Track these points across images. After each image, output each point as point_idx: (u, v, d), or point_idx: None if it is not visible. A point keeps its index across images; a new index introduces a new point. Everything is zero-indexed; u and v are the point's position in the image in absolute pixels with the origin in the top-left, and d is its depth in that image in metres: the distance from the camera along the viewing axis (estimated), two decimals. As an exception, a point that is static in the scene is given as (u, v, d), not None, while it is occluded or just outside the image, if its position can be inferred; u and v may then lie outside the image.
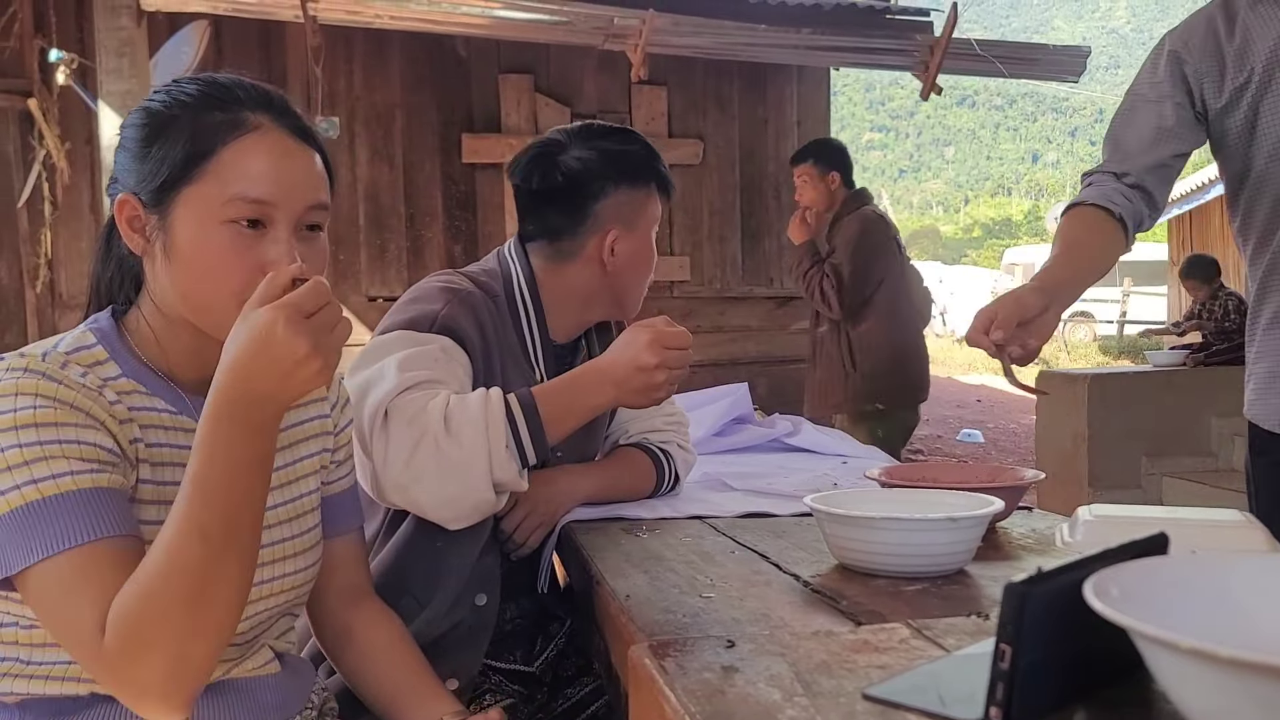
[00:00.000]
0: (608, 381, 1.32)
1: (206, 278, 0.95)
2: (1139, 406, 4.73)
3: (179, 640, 0.84)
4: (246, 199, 0.94)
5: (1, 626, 0.94)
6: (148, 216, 0.97)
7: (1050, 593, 0.61)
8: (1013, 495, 1.30)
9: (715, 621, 0.93)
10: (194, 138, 0.95)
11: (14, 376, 0.89)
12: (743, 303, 6.43)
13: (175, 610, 0.84)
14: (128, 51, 4.09)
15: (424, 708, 1.09)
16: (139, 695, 0.86)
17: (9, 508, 0.85)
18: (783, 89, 6.52)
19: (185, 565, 0.84)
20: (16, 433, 0.86)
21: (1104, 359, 14.48)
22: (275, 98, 1.00)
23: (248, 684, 1.03)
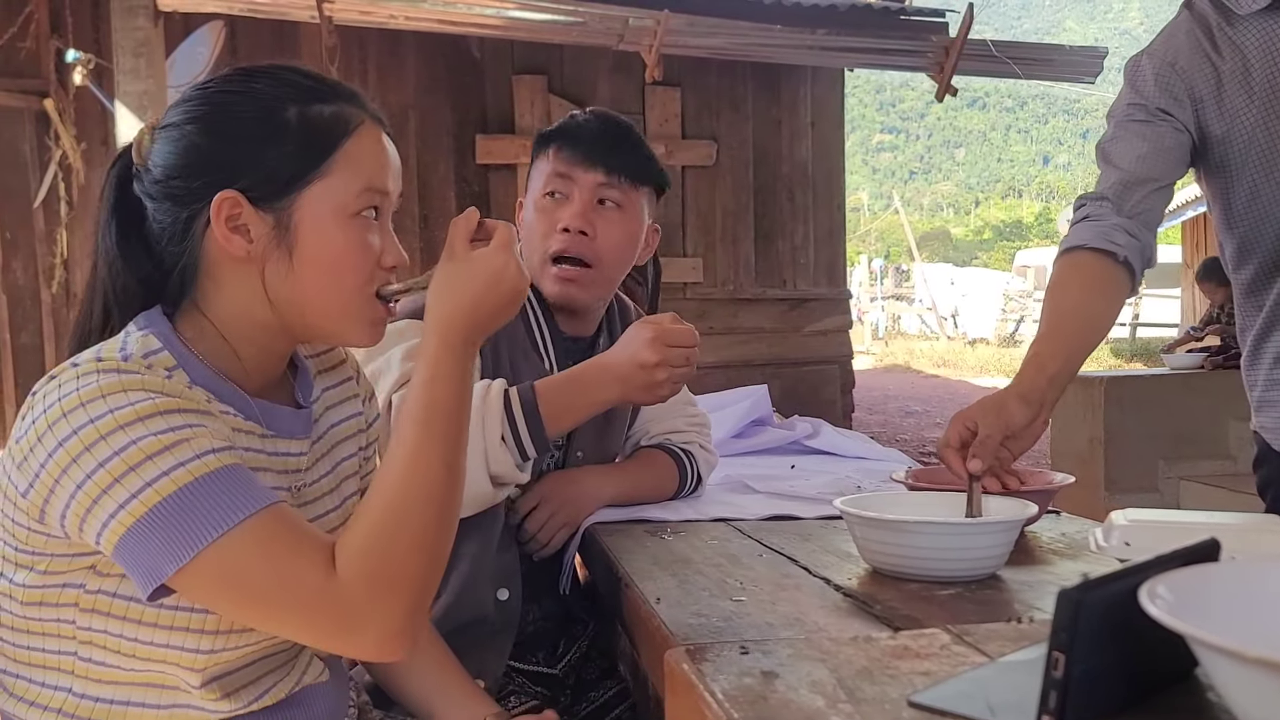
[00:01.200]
0: (611, 378, 1.31)
1: (340, 271, 0.94)
2: (1156, 409, 4.70)
3: (428, 573, 0.86)
4: (375, 189, 0.95)
5: (60, 654, 0.89)
6: (259, 216, 0.91)
7: (1104, 599, 0.60)
8: (1042, 499, 1.29)
9: (749, 625, 0.92)
10: (311, 133, 0.92)
11: (111, 376, 0.83)
12: (756, 304, 6.42)
13: (426, 542, 0.85)
14: (144, 52, 4.11)
15: (463, 709, 1.09)
16: (379, 636, 0.83)
17: (161, 496, 0.80)
18: (797, 90, 6.51)
19: (431, 493, 0.86)
20: (144, 423, 0.81)
21: (1116, 362, 14.42)
22: (362, 95, 0.99)
23: (305, 695, 1.00)
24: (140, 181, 0.94)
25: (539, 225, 1.46)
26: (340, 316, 0.95)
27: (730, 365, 5.98)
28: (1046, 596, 1.00)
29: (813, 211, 6.59)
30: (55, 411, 0.82)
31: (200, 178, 0.91)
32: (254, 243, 0.92)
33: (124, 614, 0.87)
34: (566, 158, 1.45)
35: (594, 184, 1.45)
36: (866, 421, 8.30)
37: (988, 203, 72.57)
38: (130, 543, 0.80)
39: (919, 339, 19.83)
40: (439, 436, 0.88)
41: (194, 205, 0.91)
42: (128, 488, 0.80)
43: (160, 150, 0.93)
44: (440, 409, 0.89)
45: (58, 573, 0.87)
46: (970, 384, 12.43)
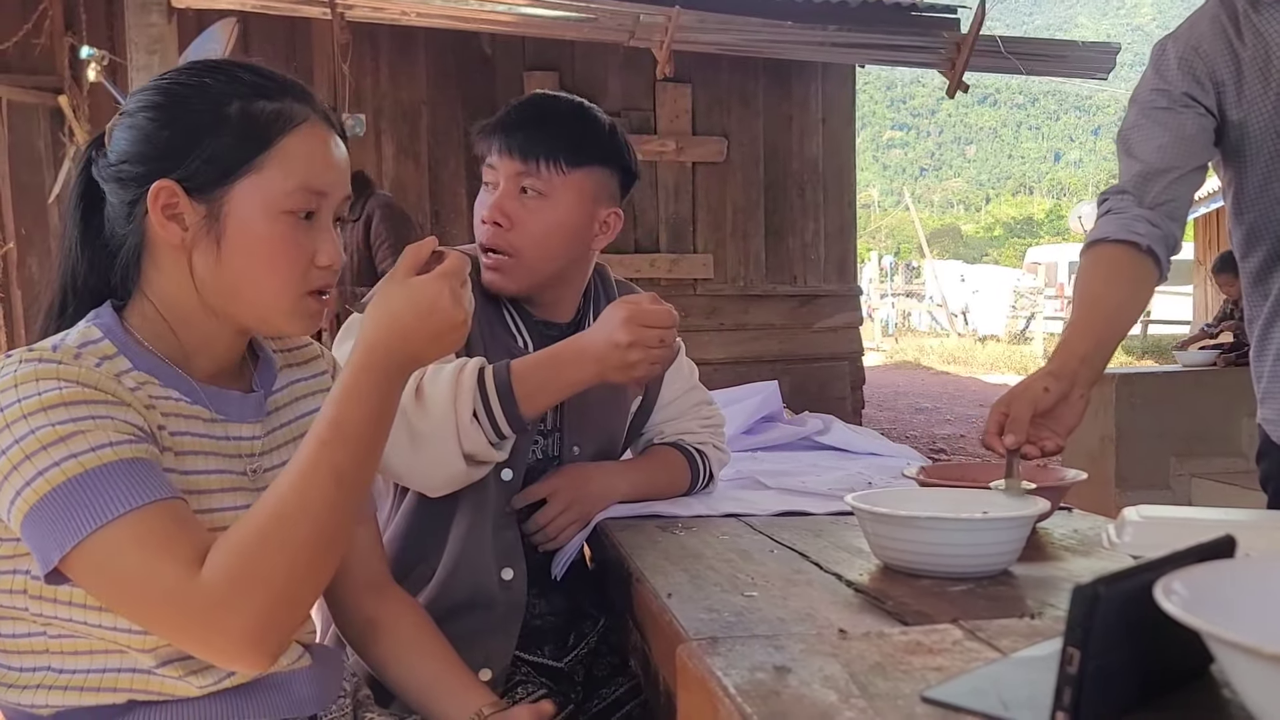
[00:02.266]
0: (587, 358, 1.29)
1: (265, 267, 0.95)
2: (1168, 406, 4.68)
3: (293, 582, 0.85)
4: (309, 189, 0.96)
5: (30, 636, 0.92)
6: (193, 205, 0.94)
7: (1119, 595, 0.60)
8: (1054, 495, 1.29)
9: (760, 620, 0.92)
10: (249, 127, 0.94)
11: (29, 365, 0.86)
12: (766, 300, 6.41)
13: (296, 550, 0.85)
14: (158, 48, 4.12)
15: (460, 700, 1.08)
16: (235, 638, 0.84)
17: (51, 485, 0.82)
18: (808, 86, 6.50)
19: (316, 506, 0.86)
20: (46, 413, 0.84)
21: (1128, 359, 14.36)
22: (310, 90, 1.00)
23: (282, 679, 1.01)
24: (97, 165, 0.97)
25: (477, 213, 1.47)
26: (266, 308, 0.97)
27: (740, 361, 5.98)
28: (1059, 593, 1.00)
29: (823, 208, 6.58)
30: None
31: (145, 164, 0.94)
32: (187, 231, 0.94)
33: (69, 599, 0.90)
34: (491, 147, 1.44)
35: (513, 173, 1.42)
36: (876, 418, 8.28)
37: (999, 199, 72.31)
38: (28, 526, 0.84)
39: (929, 336, 19.79)
40: (337, 452, 0.87)
41: (138, 190, 0.94)
42: (23, 475, 0.83)
43: (117, 136, 0.96)
44: (345, 427, 0.88)
45: (7, 557, 0.90)
46: (980, 381, 12.39)
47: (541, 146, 1.41)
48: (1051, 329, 17.30)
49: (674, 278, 6.06)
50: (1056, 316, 17.88)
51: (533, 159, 1.41)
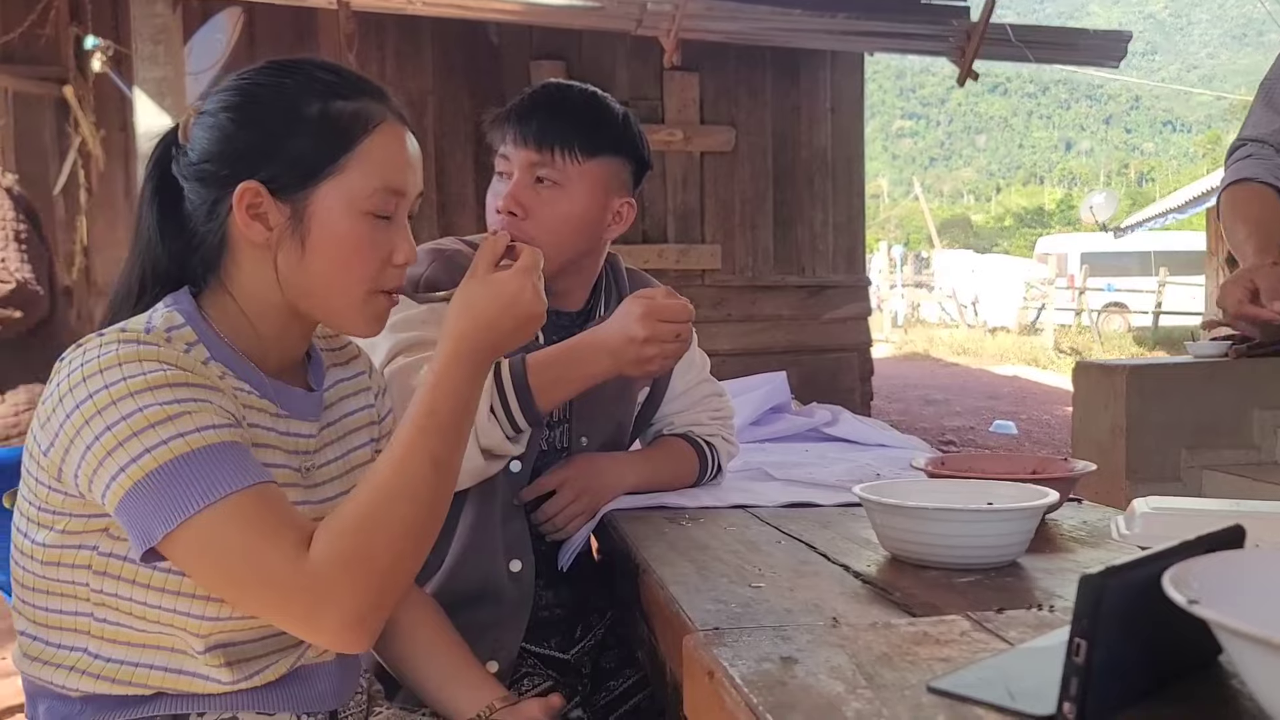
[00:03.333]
0: (603, 351, 1.30)
1: (346, 265, 0.97)
2: (1179, 398, 4.64)
3: (396, 563, 0.88)
4: (389, 189, 0.98)
5: (77, 615, 0.93)
6: (277, 206, 0.95)
7: (1127, 586, 0.59)
8: (1063, 487, 1.28)
9: (767, 612, 0.92)
10: (330, 129, 0.96)
11: (130, 346, 0.88)
12: (774, 291, 6.39)
13: (399, 532, 0.88)
14: (163, 38, 4.12)
15: (471, 694, 1.10)
16: (341, 618, 0.85)
17: (158, 463, 0.84)
18: (816, 75, 6.46)
19: (417, 490, 0.89)
20: (153, 392, 0.86)
21: (1139, 350, 14.30)
22: (384, 88, 1.01)
23: (309, 672, 1.03)
24: (177, 162, 0.98)
25: (489, 202, 1.46)
26: (342, 306, 0.99)
27: (748, 352, 5.97)
28: (1068, 584, 0.99)
29: (832, 198, 6.55)
30: (77, 376, 0.87)
31: (228, 165, 0.95)
32: (271, 230, 0.96)
33: (133, 578, 0.91)
34: (505, 136, 1.43)
35: (528, 162, 1.41)
36: (886, 409, 8.27)
37: (1009, 189, 72.04)
38: (128, 504, 0.84)
39: (939, 327, 19.72)
40: (433, 439, 0.91)
41: (221, 190, 0.96)
42: (129, 452, 0.84)
43: (197, 134, 0.97)
44: (439, 415, 0.92)
45: (74, 533, 0.91)
46: (990, 372, 12.36)
47: (556, 135, 1.40)
48: (1062, 320, 17.25)
49: (682, 269, 6.04)
50: (1067, 307, 17.82)
51: (547, 148, 1.40)
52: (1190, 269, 16.57)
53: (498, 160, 1.44)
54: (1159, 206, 15.62)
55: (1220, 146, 47.62)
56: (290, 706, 1.01)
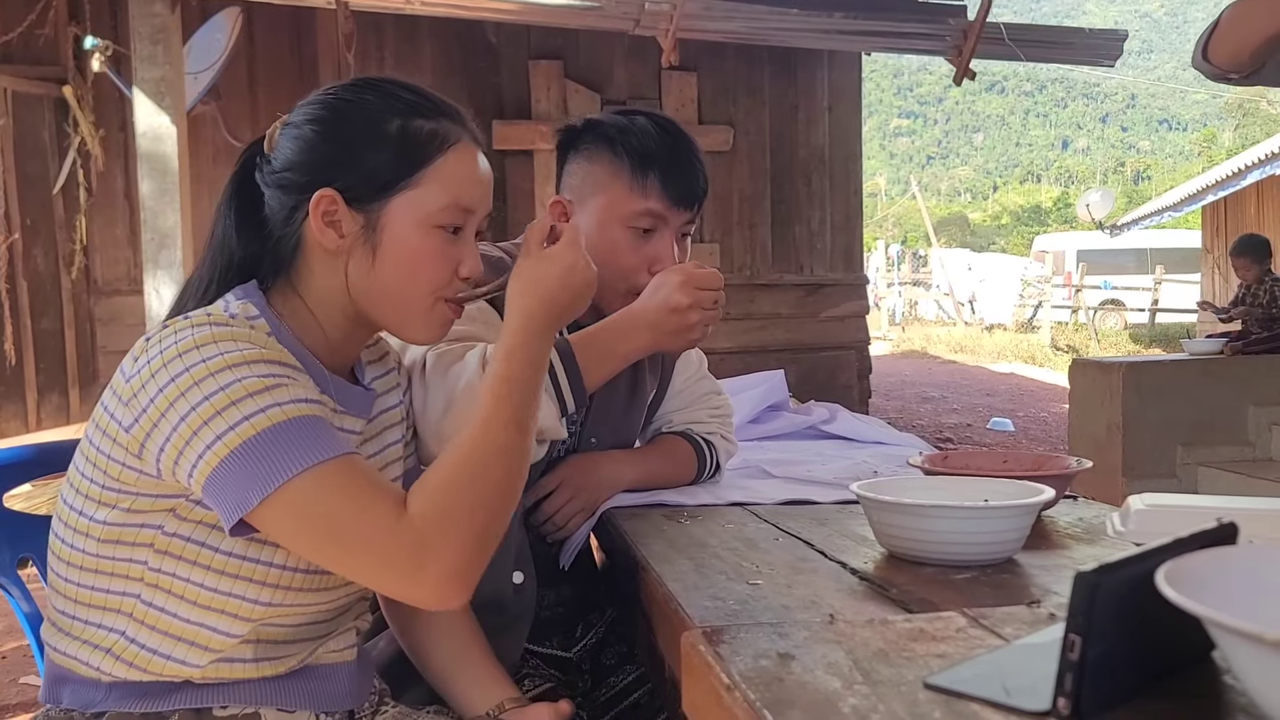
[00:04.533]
0: (642, 326, 1.30)
1: (414, 276, 1.02)
2: (1175, 395, 4.67)
3: (490, 520, 0.92)
4: (460, 206, 1.03)
5: (124, 595, 0.95)
6: (351, 215, 1.00)
7: (1121, 582, 0.60)
8: (1059, 484, 1.29)
9: (765, 609, 0.92)
10: (408, 146, 1.00)
11: (206, 329, 0.91)
12: (772, 290, 6.41)
13: (490, 490, 0.92)
14: (162, 38, 4.12)
15: (483, 686, 1.12)
16: (443, 572, 0.88)
17: (256, 430, 0.86)
18: (814, 74, 6.47)
19: (503, 451, 0.94)
20: (249, 366, 0.89)
21: (1135, 347, 14.32)
22: (462, 111, 1.06)
23: (329, 671, 1.05)
24: (260, 170, 1.04)
25: (628, 256, 1.42)
26: (409, 314, 1.04)
27: (747, 351, 5.98)
28: (1063, 580, 1.00)
29: (830, 196, 6.56)
30: (171, 352, 0.90)
31: (308, 174, 1.00)
32: (344, 238, 1.00)
33: (194, 558, 0.94)
34: (665, 195, 1.41)
35: (682, 222, 1.45)
36: (883, 407, 8.28)
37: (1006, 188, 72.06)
38: (222, 473, 0.86)
39: (936, 325, 19.74)
40: (511, 404, 0.97)
41: (299, 196, 1.00)
42: (227, 420, 0.86)
43: (282, 144, 1.03)
44: (515, 382, 0.98)
45: (140, 511, 0.93)
46: (988, 369, 12.38)
47: (700, 191, 1.46)
48: (1059, 317, 17.27)
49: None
50: (1064, 305, 17.84)
51: (697, 205, 1.46)
52: (1186, 266, 16.59)
53: (643, 215, 1.42)
54: (1155, 204, 15.64)
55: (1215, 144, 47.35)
56: (310, 704, 1.03)
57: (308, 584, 0.99)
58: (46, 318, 5.83)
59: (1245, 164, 11.34)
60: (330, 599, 1.03)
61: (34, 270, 5.76)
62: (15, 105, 5.52)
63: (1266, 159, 10.86)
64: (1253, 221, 11.86)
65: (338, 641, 1.06)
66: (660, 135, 1.44)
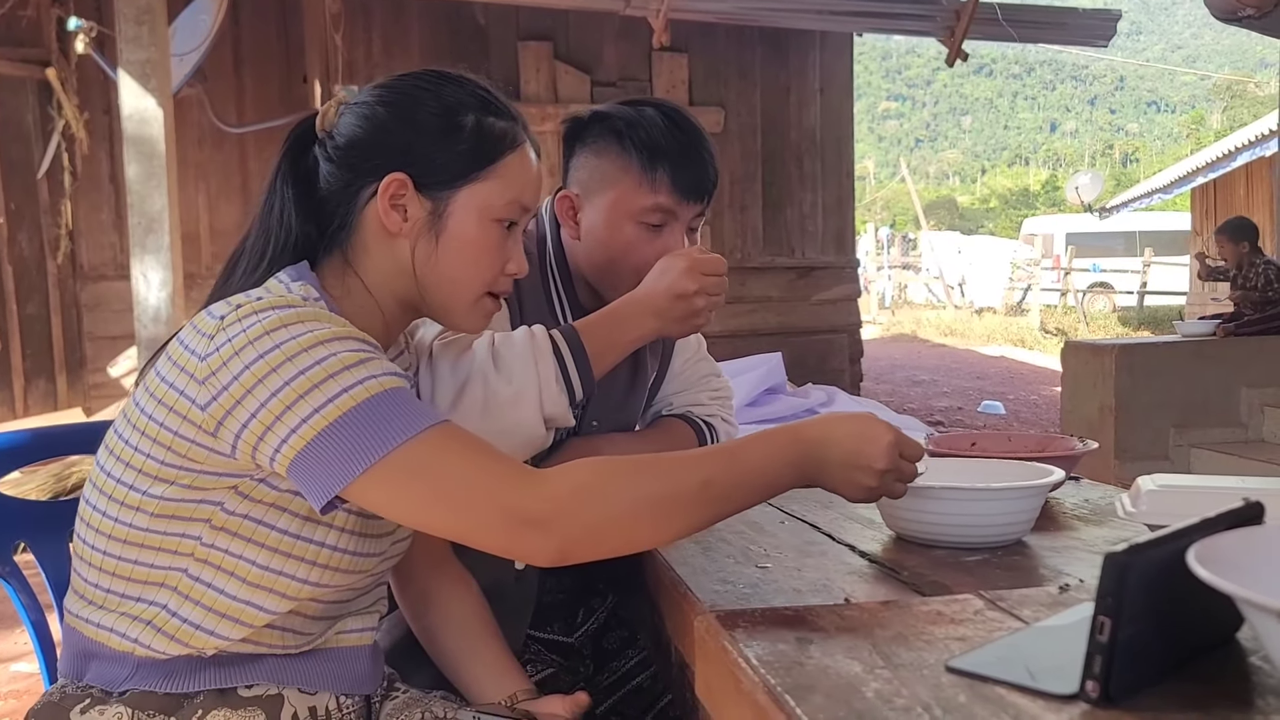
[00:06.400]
0: (648, 312, 1.28)
1: (471, 265, 1.04)
2: (1167, 377, 4.68)
3: (622, 524, 0.88)
4: (519, 204, 1.05)
5: (170, 569, 0.95)
6: (419, 199, 1.01)
7: (1151, 563, 0.59)
8: (1065, 465, 1.28)
9: (776, 592, 0.91)
10: (484, 141, 1.03)
11: (273, 314, 0.90)
12: (764, 273, 6.39)
13: (637, 511, 0.89)
14: (147, 19, 4.06)
15: (495, 679, 1.12)
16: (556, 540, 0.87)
17: (356, 401, 0.86)
18: (805, 56, 6.44)
19: (674, 490, 0.90)
20: (337, 342, 0.89)
21: (1124, 330, 14.37)
22: (520, 114, 1.09)
23: (350, 653, 1.06)
24: (322, 147, 1.04)
25: (639, 251, 1.40)
26: (460, 302, 1.05)
27: (738, 334, 5.97)
28: (1075, 562, 0.99)
29: (821, 179, 6.54)
30: (256, 331, 0.89)
31: (378, 155, 1.01)
32: (408, 222, 1.02)
33: (251, 535, 0.94)
34: (675, 190, 1.39)
35: (691, 215, 1.43)
36: (874, 390, 8.29)
37: (994, 170, 72.14)
38: (315, 450, 0.86)
39: (926, 308, 19.77)
40: (718, 468, 0.92)
41: (366, 177, 1.01)
42: (326, 392, 0.86)
43: (347, 122, 1.03)
44: (740, 465, 0.93)
45: (202, 488, 0.93)
46: (977, 353, 12.40)
47: (710, 184, 1.43)
48: (1048, 300, 17.32)
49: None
50: (1053, 288, 17.89)
51: (706, 196, 1.43)
52: (1175, 249, 16.64)
53: (654, 211, 1.40)
54: (1144, 187, 15.67)
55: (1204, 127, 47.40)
56: (331, 685, 1.03)
57: (352, 565, 1.00)
58: (32, 303, 5.78)
59: (1234, 146, 11.36)
60: (360, 580, 1.03)
61: (19, 255, 5.70)
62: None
63: (1255, 141, 10.88)
64: (1242, 203, 11.89)
65: (358, 621, 1.06)
66: (669, 128, 1.42)
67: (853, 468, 0.96)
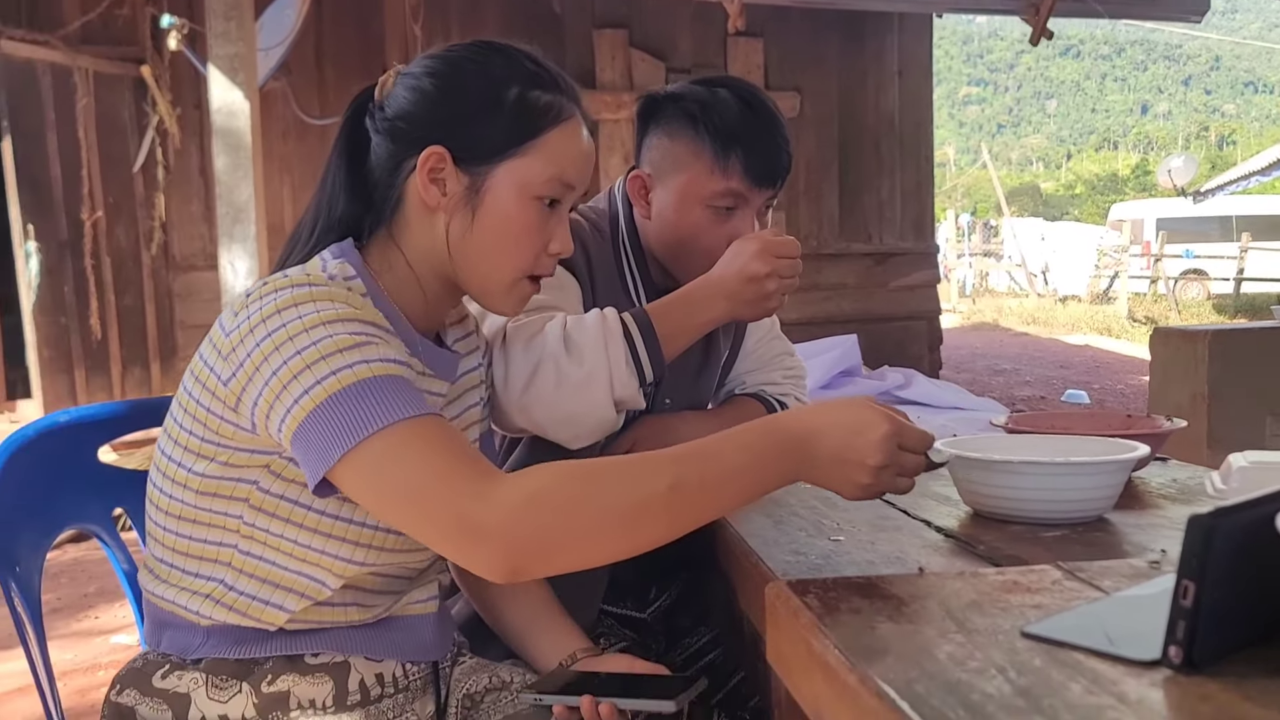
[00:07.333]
0: (720, 295, 1.28)
1: (510, 246, 1.01)
2: (1265, 364, 4.50)
3: (580, 538, 0.84)
4: (561, 181, 1.02)
5: (221, 545, 0.97)
6: (458, 174, 0.99)
7: (1237, 527, 0.57)
8: (1152, 443, 1.24)
9: (849, 563, 0.91)
10: (524, 114, 1.00)
11: (304, 289, 0.91)
12: (840, 260, 6.31)
13: (599, 519, 0.84)
14: (235, 15, 4.18)
15: (556, 641, 1.13)
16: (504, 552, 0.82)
17: (343, 384, 0.86)
18: (883, 39, 6.34)
19: (638, 495, 0.84)
20: (340, 324, 0.89)
21: (1218, 318, 13.84)
22: (576, 87, 1.06)
23: (414, 623, 1.07)
24: (373, 117, 1.03)
25: (709, 235, 1.41)
26: (494, 282, 1.03)
27: (813, 322, 5.90)
28: (1159, 538, 0.97)
29: (899, 163, 6.44)
30: (269, 309, 0.90)
31: (421, 127, 0.99)
32: (447, 196, 1.00)
33: (288, 516, 0.95)
34: (747, 175, 1.39)
35: (763, 201, 1.42)
36: (953, 379, 8.11)
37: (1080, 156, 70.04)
38: (307, 428, 0.86)
39: (1008, 296, 19.32)
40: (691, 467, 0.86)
41: (409, 149, 1.00)
42: (315, 374, 0.86)
43: (398, 93, 1.02)
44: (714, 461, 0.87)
45: (237, 466, 0.95)
46: (1061, 342, 12.07)
47: (783, 169, 1.42)
48: (1137, 288, 16.78)
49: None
50: (1142, 275, 17.33)
51: (778, 182, 1.42)
52: (1274, 233, 15.98)
53: (726, 195, 1.39)
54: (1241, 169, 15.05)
55: (1306, 106, 45.11)
56: (397, 654, 1.04)
57: (399, 544, 0.99)
58: (128, 294, 6.00)
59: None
60: (420, 558, 1.04)
61: (116, 247, 5.92)
62: (97, 85, 5.66)
63: (1362, 119, 10.36)
64: (1346, 185, 11.35)
65: (421, 592, 1.07)
66: (743, 111, 1.41)
67: (844, 463, 0.87)
